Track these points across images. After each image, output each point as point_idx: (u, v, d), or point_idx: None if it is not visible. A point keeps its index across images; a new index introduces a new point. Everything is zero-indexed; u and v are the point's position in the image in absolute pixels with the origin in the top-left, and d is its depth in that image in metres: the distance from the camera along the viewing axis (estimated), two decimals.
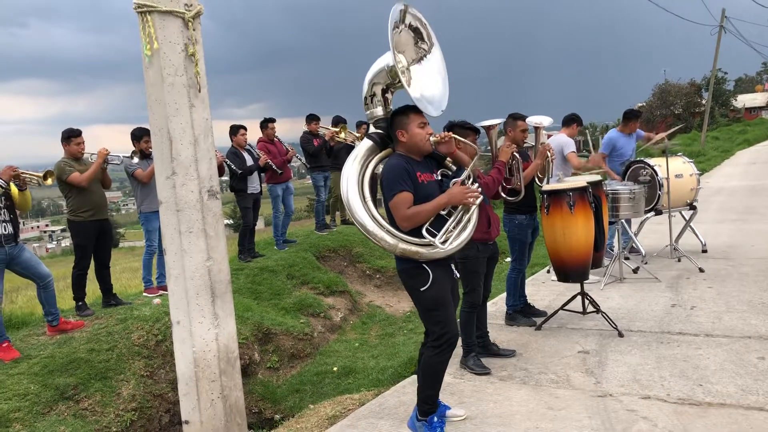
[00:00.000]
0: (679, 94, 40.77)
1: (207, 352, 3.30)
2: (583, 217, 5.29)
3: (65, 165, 6.37)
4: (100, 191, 6.64)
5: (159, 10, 3.09)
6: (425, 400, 3.74)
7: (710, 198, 13.22)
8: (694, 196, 7.96)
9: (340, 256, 9.74)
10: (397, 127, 3.62)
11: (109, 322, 6.21)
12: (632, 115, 8.01)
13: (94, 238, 6.52)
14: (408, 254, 3.50)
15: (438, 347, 3.60)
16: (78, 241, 6.56)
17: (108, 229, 6.78)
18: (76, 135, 6.53)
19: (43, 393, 5.11)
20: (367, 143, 3.68)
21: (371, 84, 3.63)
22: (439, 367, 3.68)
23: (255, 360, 6.62)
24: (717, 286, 6.52)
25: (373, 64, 3.64)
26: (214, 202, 3.33)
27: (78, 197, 6.42)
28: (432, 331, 3.65)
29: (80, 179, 6.31)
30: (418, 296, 3.60)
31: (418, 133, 3.59)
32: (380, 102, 3.65)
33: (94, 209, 6.49)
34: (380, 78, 3.60)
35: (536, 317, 5.86)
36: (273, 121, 9.51)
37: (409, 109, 3.61)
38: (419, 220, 3.49)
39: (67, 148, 6.50)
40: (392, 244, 3.47)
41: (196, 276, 3.24)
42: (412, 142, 3.60)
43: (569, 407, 4.05)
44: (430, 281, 3.54)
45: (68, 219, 6.63)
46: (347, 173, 3.58)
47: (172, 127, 3.16)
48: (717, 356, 4.67)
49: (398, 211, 3.48)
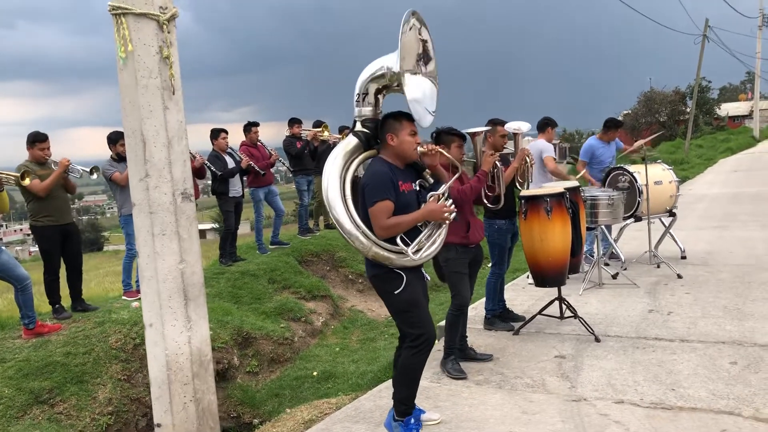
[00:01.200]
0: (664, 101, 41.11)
1: (179, 355, 3.30)
2: (561, 222, 5.32)
3: (25, 169, 6.23)
4: (63, 196, 6.56)
5: (133, 13, 3.10)
6: (402, 400, 3.75)
7: (692, 205, 13.34)
8: (674, 203, 8.03)
9: (322, 260, 9.73)
10: (389, 130, 3.62)
11: (87, 326, 6.18)
12: (613, 125, 8.06)
13: (59, 242, 6.45)
14: (379, 259, 3.52)
15: (416, 347, 3.62)
16: (42, 246, 6.48)
17: (73, 233, 6.69)
18: (41, 140, 6.44)
19: (17, 397, 5.07)
20: (352, 141, 3.67)
21: (366, 82, 3.62)
22: (417, 368, 3.69)
23: (234, 364, 6.60)
24: (694, 292, 6.58)
25: (371, 63, 3.62)
26: (188, 204, 3.33)
27: (38, 202, 6.34)
28: (409, 333, 3.66)
29: (39, 188, 6.21)
30: (393, 300, 3.62)
31: (408, 141, 3.60)
32: (371, 102, 3.65)
33: (55, 214, 6.41)
34: (378, 78, 3.59)
35: (514, 322, 5.89)
36: (256, 125, 9.52)
37: (403, 116, 3.62)
38: (397, 231, 3.52)
39: (31, 152, 6.41)
40: (366, 246, 3.49)
41: (168, 278, 3.25)
42: (400, 149, 3.61)
43: (543, 411, 4.07)
44: (404, 284, 3.56)
45: (30, 224, 6.56)
46: (329, 170, 3.57)
47: (145, 129, 3.17)
48: (691, 361, 4.71)
49: (378, 220, 3.48)
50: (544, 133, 7.34)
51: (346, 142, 3.68)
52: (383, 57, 3.57)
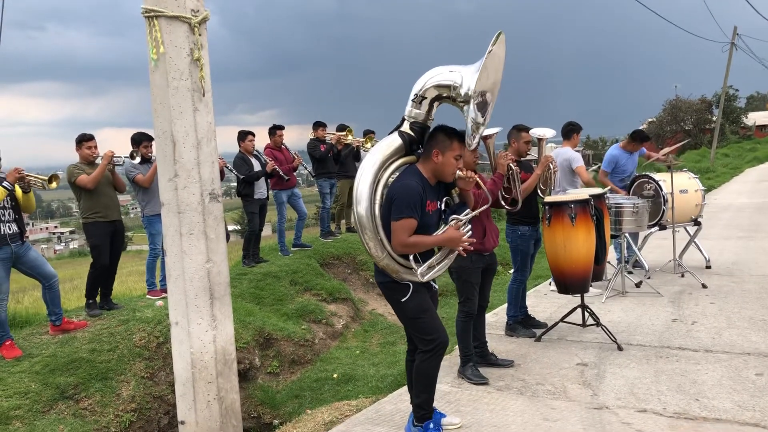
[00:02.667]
0: (690, 110, 40.68)
1: (204, 353, 3.34)
2: (585, 229, 5.30)
3: (74, 168, 6.49)
4: (111, 193, 6.72)
5: (166, 15, 3.15)
6: (421, 405, 3.76)
7: (717, 214, 13.18)
8: (699, 212, 7.95)
9: (343, 263, 9.76)
10: (437, 146, 3.54)
11: (112, 324, 6.26)
12: (639, 138, 7.87)
13: (109, 237, 6.61)
14: (388, 270, 3.54)
15: (429, 352, 3.63)
16: (92, 241, 6.65)
17: (120, 231, 6.85)
18: (87, 139, 6.65)
19: (43, 392, 5.15)
20: (396, 141, 3.57)
21: (430, 86, 3.48)
22: (432, 372, 3.70)
23: (255, 365, 6.65)
24: (719, 302, 6.51)
25: (441, 68, 3.51)
26: (215, 205, 3.37)
27: (87, 200, 6.52)
28: (420, 339, 3.66)
29: (86, 181, 6.40)
30: (401, 306, 3.63)
31: (452, 164, 3.55)
32: (427, 105, 3.53)
33: (104, 211, 6.57)
34: (446, 87, 3.46)
35: (536, 328, 5.86)
36: (281, 128, 9.58)
37: (456, 135, 3.56)
38: (414, 251, 3.53)
39: (79, 152, 6.63)
40: (378, 254, 3.50)
41: (195, 278, 3.29)
42: (441, 169, 3.56)
43: (565, 419, 4.05)
44: (410, 292, 3.57)
45: (82, 221, 6.74)
46: (366, 165, 3.51)
47: (175, 130, 3.21)
48: (715, 372, 4.66)
49: (399, 236, 3.45)
50: (570, 140, 7.28)
51: (390, 141, 3.57)
52: (457, 67, 3.46)
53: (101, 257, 6.57)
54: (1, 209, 5.56)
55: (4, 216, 5.58)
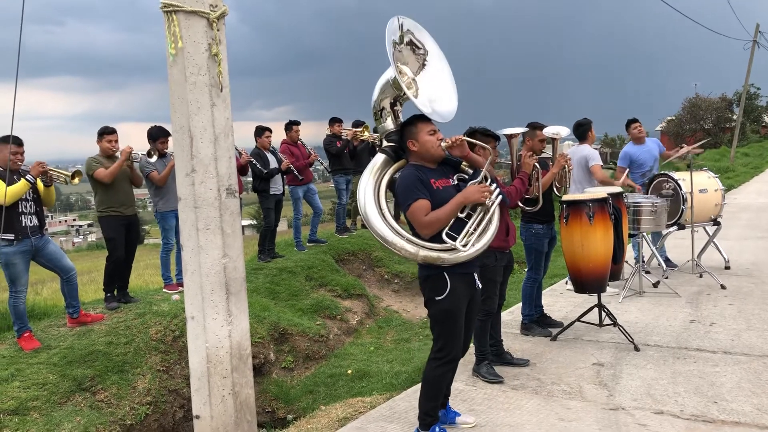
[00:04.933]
0: (710, 108, 40.18)
1: (219, 348, 3.34)
2: (603, 228, 5.25)
3: (93, 161, 6.55)
4: (127, 189, 6.76)
5: (184, 10, 3.14)
6: (427, 412, 3.70)
7: (737, 214, 13.02)
8: (719, 212, 7.85)
9: (359, 259, 9.77)
10: (408, 137, 3.61)
11: (128, 317, 6.31)
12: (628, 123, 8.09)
13: (123, 232, 6.65)
14: (430, 261, 3.45)
15: (438, 359, 3.59)
16: (107, 235, 6.70)
17: (135, 225, 6.89)
18: (109, 132, 6.70)
19: (61, 383, 5.20)
20: (380, 157, 3.70)
21: (379, 99, 3.68)
22: (440, 381, 3.66)
23: (270, 360, 6.67)
24: (738, 304, 6.43)
25: (378, 80, 3.69)
26: (232, 200, 3.37)
27: (103, 194, 6.57)
28: (435, 343, 3.63)
29: (103, 175, 6.44)
30: (433, 305, 3.57)
31: (428, 140, 3.56)
32: (389, 115, 3.69)
33: (119, 206, 6.62)
34: (386, 92, 3.65)
35: (552, 327, 5.83)
36: (297, 124, 9.59)
37: (416, 119, 3.60)
38: (439, 225, 3.45)
39: (99, 144, 6.69)
40: (413, 253, 3.45)
41: (211, 273, 3.29)
42: (423, 150, 3.58)
43: (580, 419, 4.02)
44: (447, 291, 3.50)
45: (97, 215, 6.79)
46: (363, 188, 3.60)
47: (193, 125, 3.21)
48: (734, 374, 4.60)
49: (416, 219, 3.45)
50: (586, 139, 7.22)
51: (373, 162, 3.70)
52: (387, 71, 3.61)
53: (116, 251, 6.62)
54: (23, 201, 5.61)
55: (25, 208, 5.63)
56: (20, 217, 5.55)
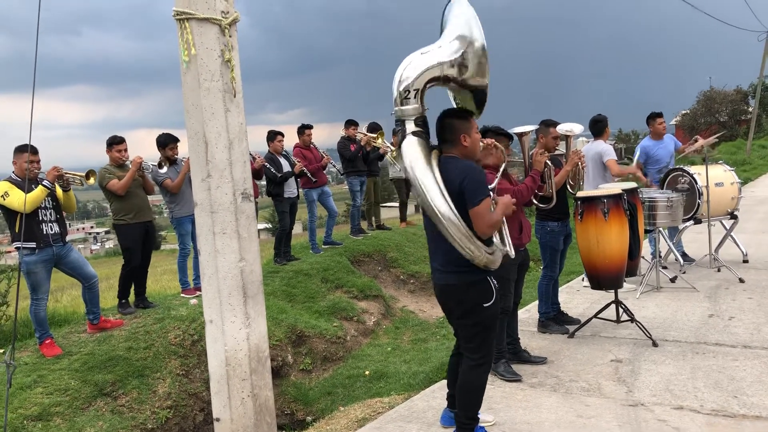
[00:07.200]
0: (725, 101, 39.78)
1: (238, 351, 3.37)
2: (618, 224, 5.24)
3: (105, 172, 6.59)
4: (142, 195, 6.83)
5: (197, 18, 3.18)
6: (472, 418, 3.62)
7: (754, 207, 12.90)
8: (736, 205, 7.79)
9: (374, 260, 9.78)
10: (462, 131, 3.42)
11: (147, 322, 6.37)
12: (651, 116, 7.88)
13: (140, 239, 6.71)
14: (486, 263, 3.33)
15: (481, 366, 3.56)
16: (124, 244, 6.76)
17: (151, 231, 6.96)
18: (117, 142, 6.74)
19: (82, 389, 5.26)
20: (421, 143, 3.38)
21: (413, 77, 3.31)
22: (484, 386, 3.63)
23: (288, 362, 6.71)
24: (757, 297, 6.37)
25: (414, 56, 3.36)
26: (247, 204, 3.40)
27: (119, 202, 6.64)
28: (480, 349, 3.54)
29: (117, 187, 6.51)
30: (480, 312, 3.43)
31: (478, 139, 3.50)
32: (419, 98, 3.36)
33: (136, 212, 6.68)
34: (435, 70, 3.30)
35: (569, 325, 5.81)
36: (310, 127, 9.64)
37: (466, 113, 3.47)
38: (498, 227, 3.42)
39: (109, 155, 6.74)
40: (478, 252, 3.29)
41: (228, 276, 3.32)
42: (473, 148, 3.47)
43: (599, 416, 4.02)
44: (494, 298, 3.44)
45: (113, 223, 6.85)
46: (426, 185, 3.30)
47: (207, 131, 3.24)
48: (754, 368, 4.57)
49: (484, 218, 3.26)
50: (602, 135, 7.18)
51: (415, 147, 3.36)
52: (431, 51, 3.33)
53: (133, 258, 6.68)
54: (43, 209, 5.66)
55: (46, 216, 5.68)
56: (41, 225, 5.61)
